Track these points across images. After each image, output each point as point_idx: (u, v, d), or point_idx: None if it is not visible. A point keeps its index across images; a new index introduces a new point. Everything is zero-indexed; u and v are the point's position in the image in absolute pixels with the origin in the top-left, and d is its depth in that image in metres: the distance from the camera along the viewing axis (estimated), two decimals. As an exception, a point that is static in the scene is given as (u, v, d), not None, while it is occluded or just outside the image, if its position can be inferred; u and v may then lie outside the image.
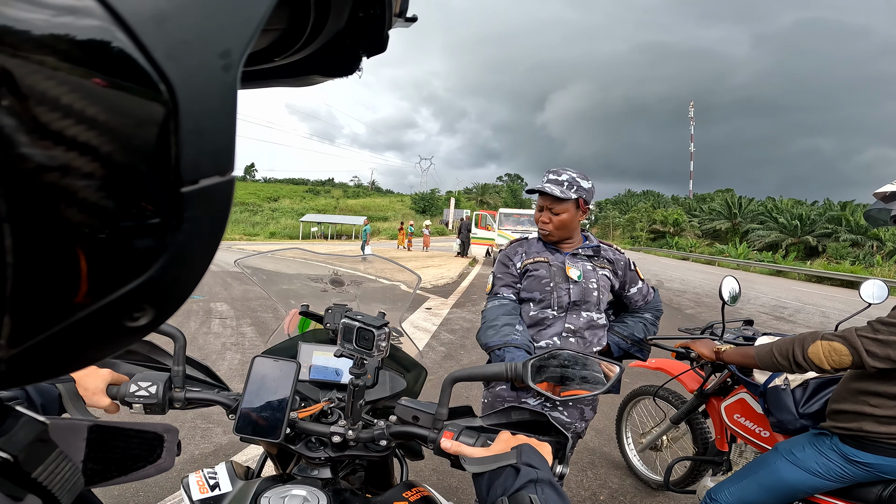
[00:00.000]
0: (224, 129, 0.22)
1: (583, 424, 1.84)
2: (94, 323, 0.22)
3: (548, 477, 0.70)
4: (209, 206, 0.22)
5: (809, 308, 11.29)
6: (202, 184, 0.21)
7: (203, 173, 0.21)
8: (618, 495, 2.73)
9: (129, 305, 0.22)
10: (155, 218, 0.21)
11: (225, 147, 0.22)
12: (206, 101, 0.20)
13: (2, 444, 0.35)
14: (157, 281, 0.22)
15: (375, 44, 0.37)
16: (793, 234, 33.47)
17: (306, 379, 1.18)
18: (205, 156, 0.21)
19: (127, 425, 0.60)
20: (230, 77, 0.21)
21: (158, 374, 0.97)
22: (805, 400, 1.72)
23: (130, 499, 2.28)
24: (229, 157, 0.22)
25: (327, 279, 1.40)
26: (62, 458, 0.40)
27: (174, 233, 0.22)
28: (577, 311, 1.78)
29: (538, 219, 1.83)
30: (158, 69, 0.19)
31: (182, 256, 0.23)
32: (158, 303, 0.24)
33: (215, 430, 3.01)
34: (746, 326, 2.37)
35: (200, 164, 0.21)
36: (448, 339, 5.86)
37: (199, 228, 0.23)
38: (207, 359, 4.44)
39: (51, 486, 0.38)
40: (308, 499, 0.82)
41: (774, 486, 1.66)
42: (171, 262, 0.22)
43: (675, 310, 9.50)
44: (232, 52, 0.21)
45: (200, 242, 0.23)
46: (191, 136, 0.20)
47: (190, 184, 0.21)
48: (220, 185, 0.22)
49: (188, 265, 0.24)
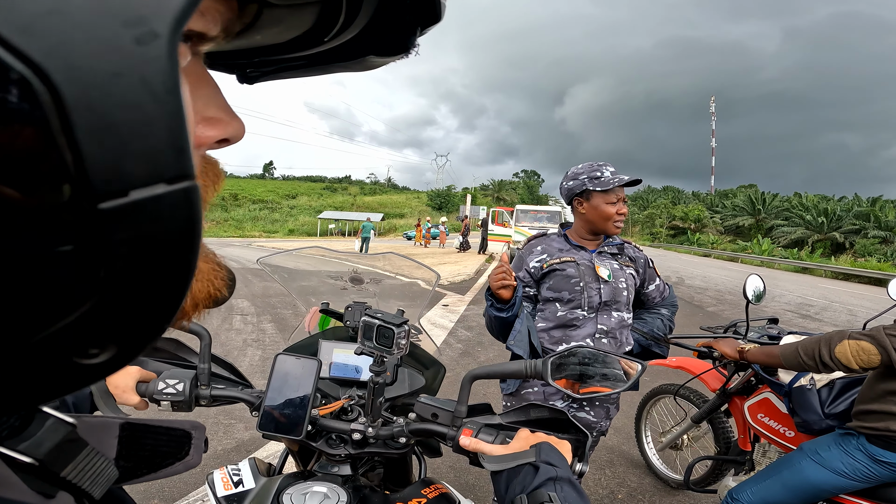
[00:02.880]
0: (158, 121, 0.17)
1: (607, 423, 1.83)
2: (33, 362, 0.19)
3: (567, 475, 0.70)
4: (155, 225, 0.18)
5: (836, 306, 10.99)
6: (135, 196, 0.17)
7: (133, 182, 0.17)
8: (636, 494, 2.70)
9: (74, 344, 0.19)
10: (64, 244, 0.17)
11: (166, 146, 0.17)
12: (112, 85, 0.16)
13: (27, 448, 0.35)
14: (106, 316, 0.19)
15: (429, 12, 0.33)
16: (819, 231, 32.67)
17: (327, 376, 1.19)
18: (132, 159, 0.17)
19: (156, 422, 0.61)
20: (154, 52, 0.16)
21: (185, 372, 0.99)
22: (831, 400, 1.69)
23: (155, 494, 2.34)
24: (176, 159, 0.18)
25: (346, 277, 1.41)
26: (93, 455, 0.40)
27: (108, 260, 0.18)
28: (608, 312, 1.75)
29: (616, 212, 1.75)
30: (12, 49, 0.15)
31: (131, 288, 0.19)
32: (117, 339, 0.20)
33: (237, 426, 3.07)
34: (771, 325, 2.33)
35: (126, 170, 0.17)
36: (465, 336, 5.87)
37: (148, 254, 0.18)
38: (229, 355, 4.52)
39: (81, 483, 0.38)
40: (329, 495, 0.84)
41: (799, 486, 1.63)
42: (116, 296, 0.19)
43: (697, 307, 9.34)
44: (150, 20, 0.16)
45: (154, 270, 0.19)
46: (96, 134, 0.16)
47: (112, 197, 0.17)
48: (169, 197, 0.18)
49: (144, 298, 0.20)
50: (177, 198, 0.18)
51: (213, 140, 0.28)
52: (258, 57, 0.35)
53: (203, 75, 0.27)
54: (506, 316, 1.66)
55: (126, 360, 0.21)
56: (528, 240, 1.93)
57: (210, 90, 0.27)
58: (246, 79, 0.37)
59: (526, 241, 1.93)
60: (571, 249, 1.81)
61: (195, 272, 0.24)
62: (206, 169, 0.29)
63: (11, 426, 0.34)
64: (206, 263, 0.31)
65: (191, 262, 0.20)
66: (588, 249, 1.81)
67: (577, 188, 1.78)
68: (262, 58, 0.35)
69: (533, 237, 1.93)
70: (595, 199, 1.75)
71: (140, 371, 1.00)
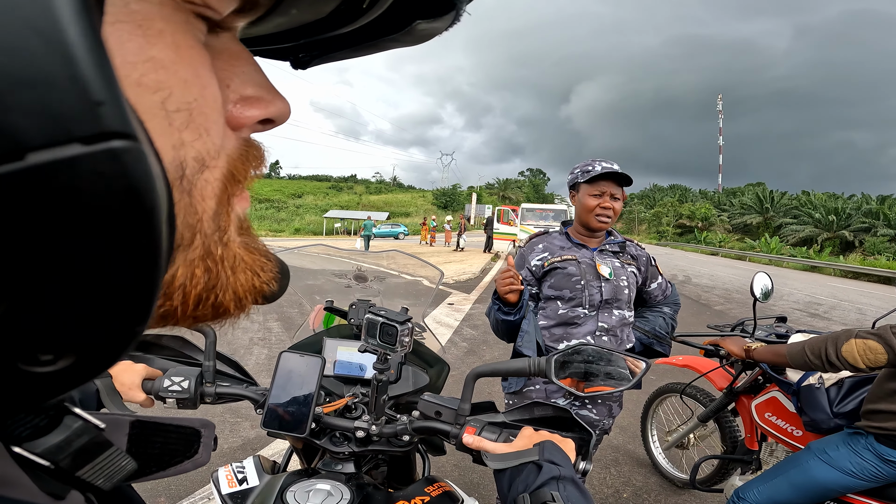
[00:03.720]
0: (55, 67, 0.14)
1: (610, 421, 1.82)
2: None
3: (570, 474, 0.69)
4: (76, 194, 0.15)
5: (845, 305, 10.89)
6: (33, 160, 0.14)
7: (28, 143, 0.14)
8: (642, 493, 2.69)
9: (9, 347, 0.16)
10: None
11: (74, 97, 0.14)
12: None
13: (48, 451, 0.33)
14: (35, 315, 0.16)
15: None
16: (828, 229, 32.39)
17: (331, 374, 1.19)
18: (17, 114, 0.13)
19: (166, 420, 0.61)
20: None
21: (190, 370, 1.00)
22: (839, 399, 1.67)
23: (162, 492, 2.36)
24: (94, 113, 0.14)
25: (351, 275, 1.42)
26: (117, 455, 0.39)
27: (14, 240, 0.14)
28: (609, 310, 1.75)
29: (599, 205, 1.73)
30: None
31: (60, 275, 0.16)
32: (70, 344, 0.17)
33: (243, 425, 3.08)
34: (779, 323, 2.31)
35: (13, 128, 0.13)
36: (470, 334, 5.86)
37: (74, 229, 0.15)
38: (236, 353, 4.55)
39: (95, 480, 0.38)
40: (332, 493, 0.84)
41: (806, 486, 1.63)
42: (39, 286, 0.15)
43: (704, 306, 9.28)
44: None
45: (92, 250, 0.16)
46: None
47: (3, 161, 0.13)
48: (89, 159, 0.14)
49: (86, 288, 0.16)
50: (100, 161, 0.15)
51: (254, 120, 0.26)
52: (305, 38, 0.33)
53: (238, 52, 0.25)
54: (513, 319, 1.67)
55: (93, 368, 0.18)
56: (530, 238, 1.92)
57: (247, 67, 0.26)
58: (299, 64, 0.36)
59: (528, 239, 1.93)
60: (573, 247, 1.80)
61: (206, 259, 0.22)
62: (248, 153, 0.26)
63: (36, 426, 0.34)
64: (251, 254, 0.29)
65: (145, 244, 0.17)
66: (589, 247, 1.80)
67: (570, 181, 1.83)
68: (308, 39, 0.33)
69: (534, 235, 1.93)
70: (582, 191, 1.78)
71: (146, 368, 1.01)
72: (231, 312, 0.28)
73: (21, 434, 0.33)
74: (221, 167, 0.23)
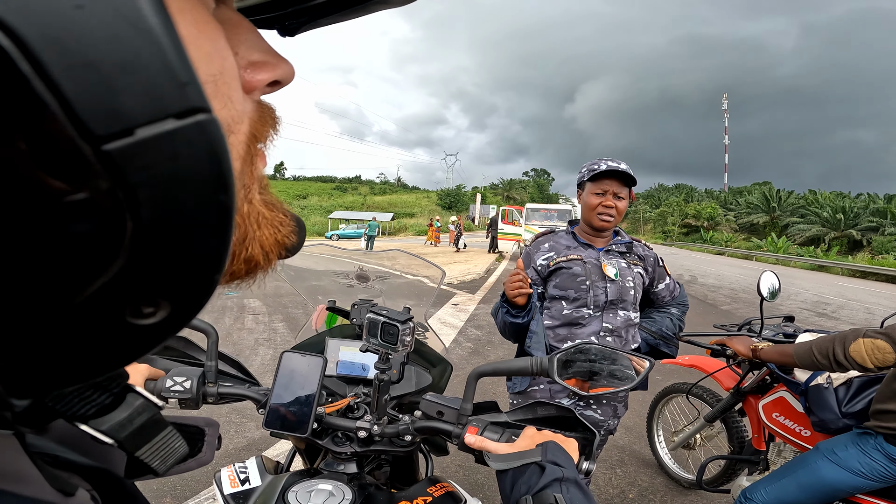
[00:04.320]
0: (148, 53, 0.16)
1: (615, 421, 1.81)
2: (86, 325, 0.19)
3: (573, 476, 0.69)
4: (173, 163, 0.17)
5: (853, 304, 10.79)
6: (142, 134, 0.16)
7: (135, 119, 0.16)
8: (647, 493, 2.67)
9: (123, 301, 0.19)
10: (78, 192, 0.16)
11: (166, 79, 0.16)
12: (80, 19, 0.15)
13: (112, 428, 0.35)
14: (147, 269, 0.18)
15: None
16: (835, 228, 32.14)
17: (333, 374, 1.19)
18: (127, 96, 0.16)
19: (171, 419, 0.61)
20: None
21: (192, 370, 0.99)
22: (848, 399, 1.65)
23: (168, 493, 2.36)
24: (180, 92, 0.17)
25: (353, 275, 1.41)
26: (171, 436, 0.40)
27: (131, 206, 0.17)
28: (614, 310, 1.73)
29: (599, 203, 1.72)
30: None
31: (165, 233, 0.18)
32: (169, 294, 0.20)
33: (248, 426, 3.09)
34: (787, 323, 2.28)
35: (122, 108, 0.16)
36: (475, 334, 5.85)
37: (173, 194, 0.17)
38: (241, 355, 4.56)
39: (151, 462, 0.39)
40: (333, 493, 0.83)
41: (814, 486, 1.61)
42: (151, 244, 0.18)
43: (711, 306, 9.23)
44: None
45: (185, 211, 0.18)
46: (73, 73, 0.15)
47: (116, 138, 0.16)
48: (183, 132, 0.17)
49: (183, 243, 0.19)
50: (191, 133, 0.17)
51: (264, 83, 0.27)
52: (294, 6, 0.34)
53: (238, 21, 0.27)
54: (521, 321, 1.66)
55: (185, 317, 0.21)
56: (536, 237, 1.91)
57: (250, 35, 0.27)
58: (286, 31, 0.36)
59: (533, 238, 1.92)
60: (579, 247, 1.79)
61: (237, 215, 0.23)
62: (263, 114, 0.29)
63: (101, 404, 0.34)
64: (271, 211, 0.30)
65: (224, 202, 0.19)
66: (596, 247, 1.79)
67: (578, 180, 1.83)
68: (297, 6, 0.34)
69: (540, 234, 1.92)
70: (586, 189, 1.78)
71: (149, 368, 1.01)
72: (261, 265, 0.30)
73: (87, 412, 0.33)
74: (245, 131, 0.26)
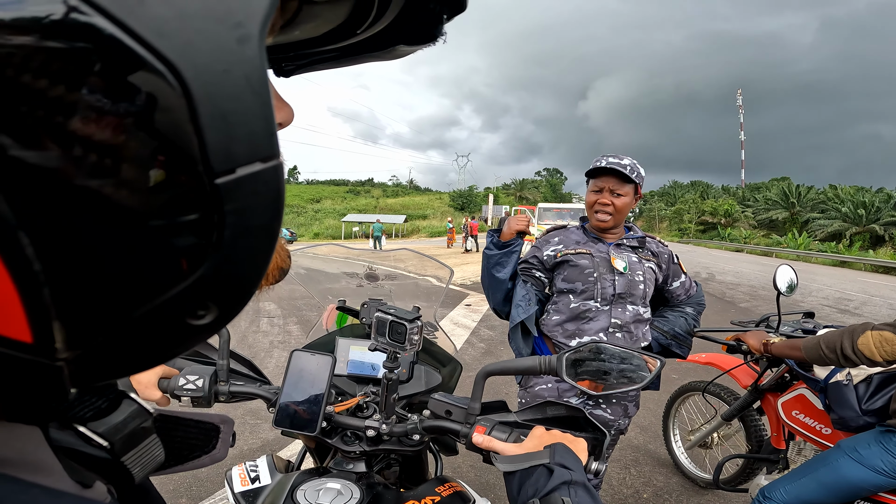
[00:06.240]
0: (256, 110, 0.20)
1: (626, 421, 1.78)
2: (155, 323, 0.22)
3: (582, 479, 0.67)
4: (254, 197, 0.21)
5: (876, 300, 10.53)
6: (240, 173, 0.20)
7: (239, 161, 0.20)
8: (663, 493, 2.64)
9: (188, 304, 0.22)
10: (191, 214, 0.20)
11: (261, 130, 0.20)
12: (223, 80, 0.19)
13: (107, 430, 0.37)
14: (214, 278, 0.22)
15: (454, 3, 0.35)
16: (857, 223, 31.40)
17: (343, 373, 1.19)
18: (237, 142, 0.20)
19: (187, 415, 0.62)
20: (250, 51, 0.19)
21: (205, 368, 1.01)
22: (868, 396, 1.61)
23: (184, 493, 2.39)
24: (268, 141, 0.21)
25: (362, 274, 1.42)
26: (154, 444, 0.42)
27: (219, 228, 0.21)
28: (623, 305, 1.70)
29: (596, 201, 1.71)
30: (152, 49, 0.17)
31: (234, 251, 0.22)
32: (221, 300, 0.23)
33: (263, 426, 3.12)
34: (807, 319, 2.24)
35: (234, 151, 0.20)
36: (488, 335, 5.84)
37: (248, 221, 0.22)
38: (256, 356, 4.61)
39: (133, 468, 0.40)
40: (342, 492, 0.83)
41: (836, 485, 1.57)
42: (223, 259, 0.22)
43: (729, 303, 9.08)
44: (245, 23, 0.19)
45: (252, 235, 0.22)
46: (213, 121, 0.19)
47: (225, 174, 0.20)
48: (264, 173, 0.21)
49: (244, 260, 0.23)
50: (269, 174, 0.21)
51: None
52: (293, 51, 0.37)
53: None
54: (499, 253, 1.71)
55: (226, 320, 0.24)
56: (547, 231, 1.90)
57: None
58: (282, 72, 0.39)
59: (544, 232, 1.90)
60: (588, 242, 1.77)
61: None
62: None
63: (98, 408, 0.36)
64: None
65: (277, 230, 0.23)
66: (606, 242, 1.77)
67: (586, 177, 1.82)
68: (297, 51, 0.37)
69: (550, 229, 1.90)
70: (588, 186, 1.77)
71: (163, 367, 1.02)
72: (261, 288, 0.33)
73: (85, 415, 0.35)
74: None
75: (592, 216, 1.75)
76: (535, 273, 1.80)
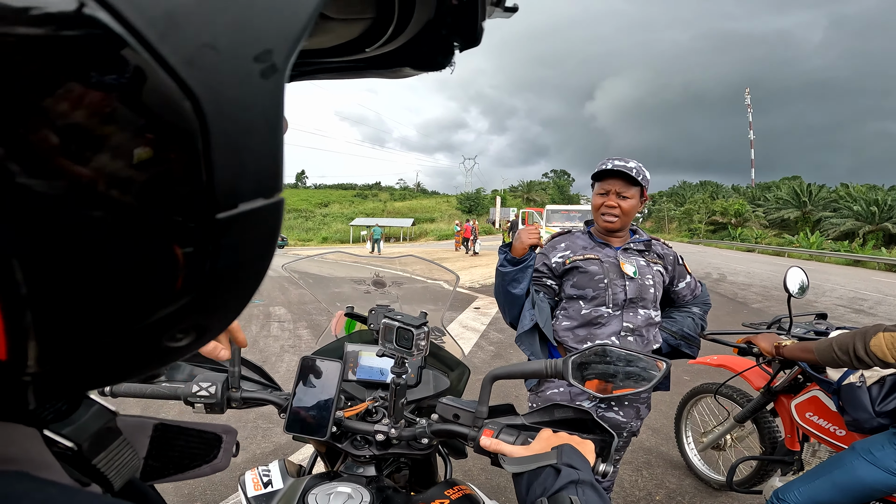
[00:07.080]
0: (267, 146, 0.19)
1: (638, 423, 1.78)
2: (133, 344, 0.22)
3: (589, 478, 0.68)
4: (251, 232, 0.21)
5: (891, 299, 10.36)
6: (242, 208, 0.19)
7: (242, 196, 0.19)
8: (675, 495, 2.62)
9: (169, 329, 0.22)
10: (187, 247, 0.19)
11: (269, 166, 0.20)
12: (241, 114, 0.18)
13: (71, 432, 0.36)
14: (198, 305, 0.22)
15: (469, 36, 0.34)
16: (870, 222, 30.94)
17: (353, 379, 1.20)
18: (244, 177, 0.19)
19: (189, 425, 0.62)
20: (272, 84, 0.18)
21: (217, 375, 1.02)
22: (882, 398, 1.59)
23: (199, 497, 2.42)
24: (275, 178, 0.20)
25: (370, 280, 1.43)
26: (124, 446, 0.41)
27: (213, 259, 0.20)
28: (634, 309, 1.70)
29: (602, 204, 1.71)
30: (179, 80, 0.16)
31: (223, 282, 0.21)
32: (201, 326, 0.23)
33: (275, 430, 3.14)
34: (819, 320, 2.22)
35: (239, 186, 0.19)
36: (497, 338, 5.83)
37: (241, 255, 0.21)
38: (267, 361, 4.64)
39: (107, 472, 0.40)
40: (352, 496, 0.84)
41: (850, 486, 1.56)
42: (211, 289, 0.21)
43: (741, 304, 8.97)
44: (274, 54, 0.18)
45: (243, 269, 0.22)
46: (225, 156, 0.18)
47: (227, 209, 0.19)
48: (265, 209, 0.20)
49: (230, 290, 0.22)
50: (270, 210, 0.21)
51: None
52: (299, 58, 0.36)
53: None
54: (514, 269, 1.67)
55: (203, 342, 0.24)
56: (552, 237, 1.90)
57: None
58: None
59: (549, 238, 1.89)
60: (596, 247, 1.77)
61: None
62: None
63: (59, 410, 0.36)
64: None
65: (268, 264, 0.23)
66: (613, 246, 1.76)
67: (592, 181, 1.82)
68: (302, 59, 0.36)
69: (557, 234, 1.90)
70: (594, 189, 1.77)
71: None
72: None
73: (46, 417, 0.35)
74: None
75: (599, 219, 1.75)
76: (546, 281, 1.80)
